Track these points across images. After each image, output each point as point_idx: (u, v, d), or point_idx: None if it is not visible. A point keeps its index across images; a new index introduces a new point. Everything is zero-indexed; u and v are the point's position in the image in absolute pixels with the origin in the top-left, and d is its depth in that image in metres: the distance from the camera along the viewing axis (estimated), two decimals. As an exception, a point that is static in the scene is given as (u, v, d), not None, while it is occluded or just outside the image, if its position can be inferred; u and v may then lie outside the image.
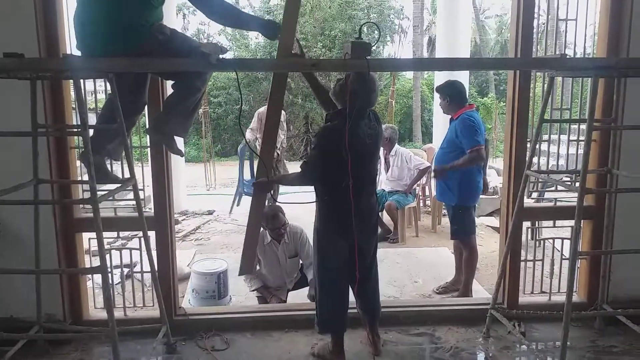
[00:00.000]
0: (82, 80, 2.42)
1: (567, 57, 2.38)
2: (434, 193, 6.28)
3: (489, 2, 29.79)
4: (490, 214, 6.80)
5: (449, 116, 3.97)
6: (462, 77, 7.05)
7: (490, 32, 31.32)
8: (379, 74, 16.31)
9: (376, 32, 13.99)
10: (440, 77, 7.20)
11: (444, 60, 4.51)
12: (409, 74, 20.21)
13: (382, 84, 15.51)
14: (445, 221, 6.38)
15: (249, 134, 6.17)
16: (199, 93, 2.36)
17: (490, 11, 31.59)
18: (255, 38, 18.00)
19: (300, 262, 3.71)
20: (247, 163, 6.48)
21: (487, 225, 6.22)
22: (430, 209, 6.53)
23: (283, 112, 6.34)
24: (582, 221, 2.90)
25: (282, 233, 3.52)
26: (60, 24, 2.71)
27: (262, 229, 3.60)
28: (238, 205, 6.50)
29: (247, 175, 6.45)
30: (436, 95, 4.20)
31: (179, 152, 2.56)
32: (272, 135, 2.59)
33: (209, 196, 8.54)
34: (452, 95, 3.90)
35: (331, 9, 16.58)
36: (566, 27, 3.13)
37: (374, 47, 2.39)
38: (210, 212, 6.98)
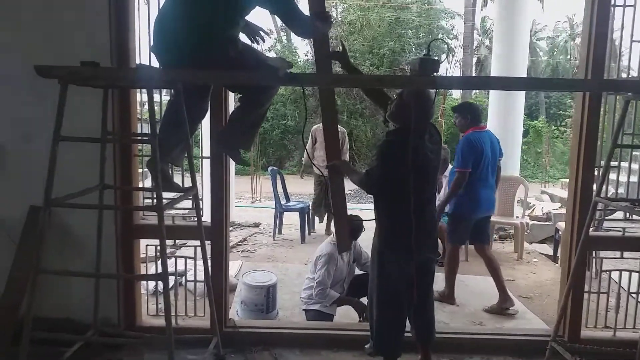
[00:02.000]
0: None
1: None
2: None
3: (540, 24, 29.19)
4: (542, 241, 6.56)
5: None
6: (519, 98, 6.90)
7: (542, 54, 30.66)
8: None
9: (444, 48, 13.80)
10: (495, 97, 7.07)
11: (513, 79, 4.41)
12: (457, 94, 19.95)
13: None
14: (497, 246, 6.20)
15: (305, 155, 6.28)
16: (262, 108, 2.38)
17: (542, 33, 30.96)
18: (305, 55, 18.23)
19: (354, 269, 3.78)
20: (279, 183, 6.58)
21: (540, 253, 5.98)
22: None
23: (342, 129, 6.32)
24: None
25: (347, 247, 3.54)
26: (132, 35, 2.81)
27: (332, 238, 3.64)
28: (280, 233, 6.54)
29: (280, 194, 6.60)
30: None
31: (243, 163, 2.59)
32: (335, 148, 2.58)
33: (255, 208, 8.62)
34: (472, 114, 4.20)
35: (380, 27, 16.62)
36: (630, 48, 3.00)
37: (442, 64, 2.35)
38: (256, 225, 7.02)
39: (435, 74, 2.24)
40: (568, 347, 2.84)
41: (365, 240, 3.49)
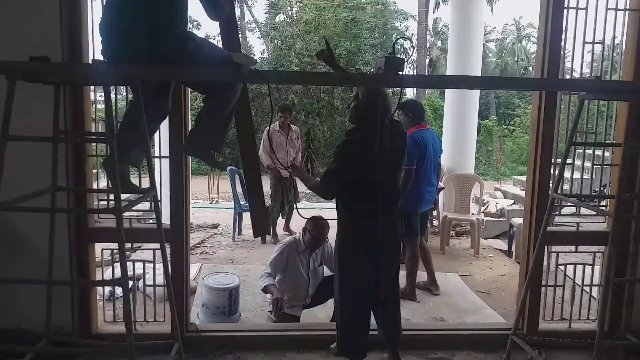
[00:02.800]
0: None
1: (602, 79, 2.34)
2: (442, 213, 6.24)
3: (490, 27, 30.18)
4: (497, 237, 6.75)
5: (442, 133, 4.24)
6: (474, 97, 7.08)
7: (491, 55, 31.71)
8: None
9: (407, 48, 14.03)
10: (450, 98, 7.23)
11: (480, 78, 4.56)
12: (410, 93, 20.30)
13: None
14: (454, 242, 6.34)
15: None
16: (230, 104, 2.29)
17: (490, 35, 32.03)
18: (261, 53, 18.09)
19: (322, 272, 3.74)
20: (238, 183, 6.49)
21: (495, 248, 6.16)
22: (438, 230, 6.48)
23: (295, 127, 6.28)
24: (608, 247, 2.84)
25: (319, 245, 3.59)
26: (84, 29, 2.67)
27: (298, 236, 3.62)
28: (240, 234, 6.44)
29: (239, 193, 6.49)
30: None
31: (218, 165, 2.50)
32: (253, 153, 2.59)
33: (213, 209, 8.46)
34: (415, 113, 4.28)
35: (336, 27, 16.69)
36: (583, 49, 3.11)
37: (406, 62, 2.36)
38: (215, 226, 6.89)
39: (400, 73, 2.24)
40: (527, 340, 2.92)
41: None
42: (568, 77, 3.54)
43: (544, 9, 2.94)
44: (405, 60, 2.41)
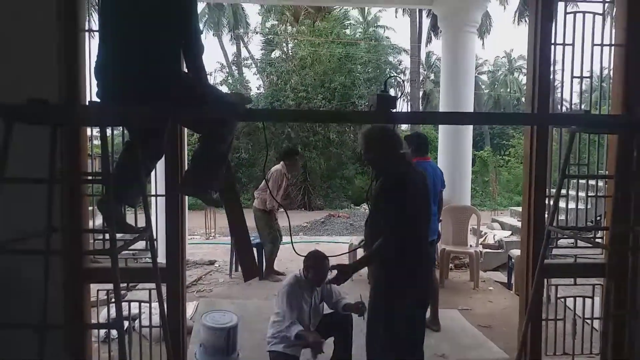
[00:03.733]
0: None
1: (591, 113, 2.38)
2: (440, 246, 6.21)
3: (482, 59, 30.77)
4: (496, 269, 6.71)
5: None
6: (467, 131, 7.15)
7: (484, 87, 32.21)
8: (360, 133, 16.58)
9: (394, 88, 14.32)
10: (445, 130, 7.30)
11: (471, 114, 4.66)
12: (405, 126, 20.51)
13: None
14: (453, 275, 6.29)
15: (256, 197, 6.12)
16: (226, 142, 2.31)
17: (482, 67, 32.62)
18: (257, 89, 18.34)
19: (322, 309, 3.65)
20: None
21: (495, 281, 6.11)
22: (436, 263, 6.43)
23: (278, 166, 6.11)
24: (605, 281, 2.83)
25: (324, 277, 3.47)
26: (81, 71, 2.72)
27: (298, 273, 3.57)
28: (237, 270, 6.35)
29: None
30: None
31: (215, 203, 2.50)
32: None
33: (209, 245, 8.41)
34: (417, 145, 4.31)
35: (331, 62, 17.05)
36: (571, 83, 3.17)
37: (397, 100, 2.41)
38: (211, 262, 6.83)
39: (393, 110, 2.28)
40: (530, 376, 2.87)
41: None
42: (560, 107, 3.60)
43: (532, 45, 3.01)
44: (398, 96, 2.47)
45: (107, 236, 2.42)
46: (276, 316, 3.51)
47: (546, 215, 2.98)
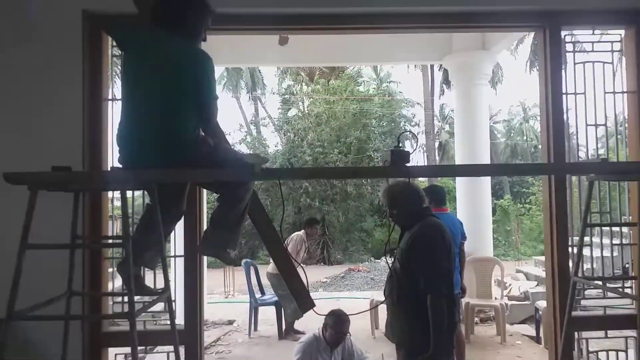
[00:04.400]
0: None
1: (608, 161, 2.37)
2: (465, 299, 6.04)
3: (495, 109, 30.98)
4: (523, 321, 6.47)
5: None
6: (485, 180, 7.11)
7: (499, 136, 32.26)
8: (382, 189, 16.62)
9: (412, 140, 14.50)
10: (462, 180, 7.27)
11: (485, 166, 4.63)
12: (422, 178, 20.50)
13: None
14: (478, 330, 6.08)
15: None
16: (243, 202, 2.35)
17: (497, 117, 32.79)
18: (275, 146, 18.67)
19: None
20: (253, 276, 6.46)
21: (523, 334, 5.88)
22: (461, 317, 6.24)
23: (299, 233, 6.33)
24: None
25: (342, 339, 3.46)
26: (104, 138, 2.83)
27: (317, 332, 3.50)
28: (256, 330, 6.31)
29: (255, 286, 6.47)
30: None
31: (233, 262, 2.51)
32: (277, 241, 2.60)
33: (228, 304, 8.31)
34: (433, 197, 4.21)
35: (346, 118, 17.38)
36: (586, 131, 3.17)
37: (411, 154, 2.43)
38: (230, 322, 6.73)
39: (407, 164, 2.30)
40: None
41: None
42: (577, 153, 3.58)
43: (543, 96, 3.05)
44: (412, 150, 2.50)
45: (126, 299, 2.44)
46: None
47: (570, 265, 2.91)
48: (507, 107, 33.92)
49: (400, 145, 2.38)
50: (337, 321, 3.41)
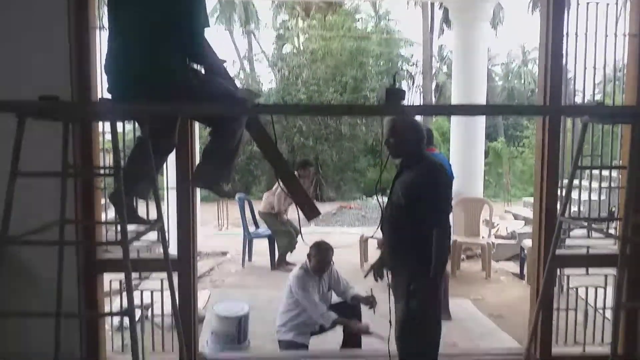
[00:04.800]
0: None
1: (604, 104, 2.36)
2: (452, 237, 6.19)
3: (494, 51, 30.36)
4: (508, 259, 6.68)
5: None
6: (480, 122, 7.10)
7: (497, 79, 31.84)
8: (385, 119, 16.53)
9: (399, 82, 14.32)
10: (457, 122, 7.25)
11: (480, 106, 4.62)
12: (418, 117, 20.38)
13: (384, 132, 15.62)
14: (464, 266, 6.28)
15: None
16: (236, 136, 2.33)
17: (496, 59, 32.21)
18: (269, 83, 18.35)
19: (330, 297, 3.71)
20: (247, 210, 6.54)
21: (507, 271, 6.09)
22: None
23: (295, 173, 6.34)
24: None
25: (325, 267, 3.58)
26: (92, 67, 2.75)
27: (304, 263, 3.64)
28: (249, 260, 6.46)
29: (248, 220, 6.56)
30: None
31: (227, 195, 2.53)
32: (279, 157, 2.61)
33: (222, 236, 8.48)
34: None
35: (342, 56, 16.96)
36: (584, 74, 3.13)
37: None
38: (224, 253, 6.90)
39: (401, 102, 2.27)
40: (540, 365, 2.87)
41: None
42: (574, 98, 3.56)
43: (543, 36, 2.97)
44: (408, 87, 2.48)
45: (119, 228, 2.47)
46: (288, 305, 3.56)
47: (558, 206, 2.96)
48: (506, 50, 33.22)
49: (396, 84, 2.35)
50: (319, 250, 3.55)
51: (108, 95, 2.21)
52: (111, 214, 3.62)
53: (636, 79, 2.90)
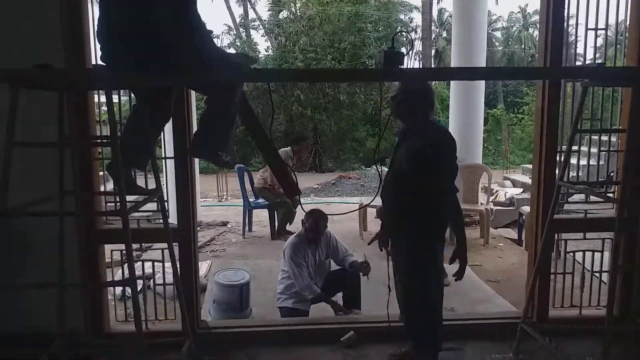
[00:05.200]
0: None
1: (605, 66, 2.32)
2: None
3: (495, 15, 29.88)
4: (506, 226, 6.73)
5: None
6: (479, 88, 7.03)
7: (497, 44, 31.42)
8: (387, 85, 16.32)
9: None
10: (456, 88, 7.18)
11: (481, 69, 4.59)
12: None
13: (388, 96, 15.48)
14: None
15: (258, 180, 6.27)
16: (232, 104, 2.30)
17: (496, 24, 31.72)
18: (265, 50, 18.11)
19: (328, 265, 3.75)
20: (247, 181, 6.55)
21: (505, 237, 6.14)
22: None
23: (289, 149, 6.43)
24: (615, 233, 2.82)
25: (318, 237, 3.61)
26: (87, 35, 2.70)
27: (299, 232, 3.66)
28: (250, 231, 6.51)
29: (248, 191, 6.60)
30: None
31: (225, 165, 2.51)
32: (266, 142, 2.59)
33: (222, 207, 8.52)
34: None
35: (340, 22, 16.68)
36: (586, 35, 3.07)
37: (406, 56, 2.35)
38: (224, 224, 6.94)
39: (400, 66, 2.24)
40: (537, 328, 2.92)
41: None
42: (575, 63, 3.52)
43: (544, -3, 2.91)
44: (407, 52, 2.41)
45: (118, 198, 2.48)
46: (283, 273, 3.60)
47: (557, 171, 2.96)
48: (506, 13, 32.68)
49: (395, 47, 2.30)
50: (312, 218, 3.59)
51: (102, 64, 2.18)
52: (111, 186, 3.63)
53: (638, 41, 2.86)
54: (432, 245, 2.60)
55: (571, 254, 3.18)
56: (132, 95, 2.57)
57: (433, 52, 26.02)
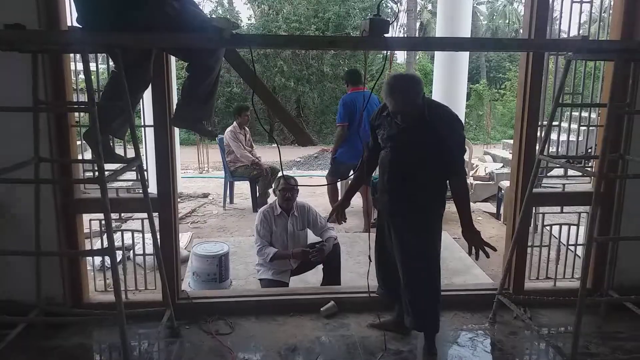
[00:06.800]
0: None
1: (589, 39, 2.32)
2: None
3: (481, -12, 29.67)
4: (486, 200, 6.81)
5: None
6: (463, 63, 7.01)
7: (482, 18, 31.30)
8: (371, 58, 16.15)
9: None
10: (440, 62, 7.14)
11: (465, 39, 4.57)
12: (401, 59, 20.09)
13: (373, 69, 15.36)
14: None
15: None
16: (214, 72, 2.25)
17: (481, -3, 31.54)
18: (248, 19, 17.73)
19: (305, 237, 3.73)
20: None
21: (484, 211, 6.22)
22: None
23: (234, 124, 6.34)
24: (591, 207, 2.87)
25: (290, 201, 3.58)
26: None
27: (273, 201, 3.66)
28: (231, 203, 6.48)
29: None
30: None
31: (209, 134, 2.48)
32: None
33: (203, 179, 8.45)
34: (348, 79, 5.29)
35: (325, -10, 16.36)
36: (571, 9, 3.06)
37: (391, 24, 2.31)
38: (205, 195, 6.89)
39: (385, 35, 2.20)
40: (513, 299, 2.99)
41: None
42: (559, 36, 3.51)
43: (530, -32, 2.88)
44: (392, 22, 2.35)
45: (96, 166, 2.43)
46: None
47: (537, 146, 2.98)
48: (492, -13, 32.49)
49: (380, 15, 2.26)
50: (279, 184, 3.57)
51: (78, 26, 2.10)
52: (89, 155, 3.56)
53: (621, 15, 2.86)
54: (440, 221, 2.71)
55: (548, 227, 3.24)
56: (110, 62, 2.50)
57: (418, 24, 25.78)
